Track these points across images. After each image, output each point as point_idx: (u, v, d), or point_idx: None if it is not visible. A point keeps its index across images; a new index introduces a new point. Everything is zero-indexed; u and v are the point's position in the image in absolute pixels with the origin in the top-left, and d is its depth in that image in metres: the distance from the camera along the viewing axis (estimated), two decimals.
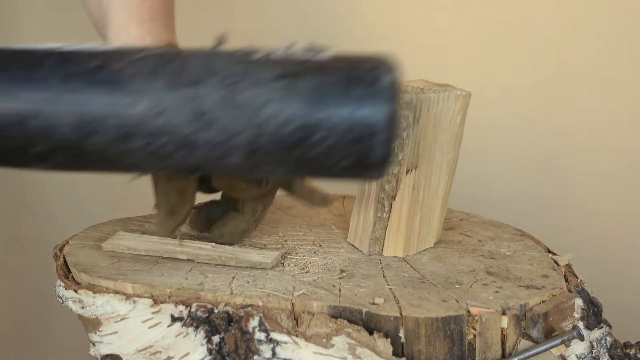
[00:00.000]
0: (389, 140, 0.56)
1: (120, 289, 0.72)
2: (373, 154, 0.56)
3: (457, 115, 0.80)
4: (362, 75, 0.56)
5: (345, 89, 0.56)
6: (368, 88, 0.55)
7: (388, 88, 0.55)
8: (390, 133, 0.56)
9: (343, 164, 0.57)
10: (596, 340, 0.76)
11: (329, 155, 0.56)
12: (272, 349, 0.67)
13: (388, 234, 0.81)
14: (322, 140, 0.55)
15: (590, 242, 1.29)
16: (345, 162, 0.56)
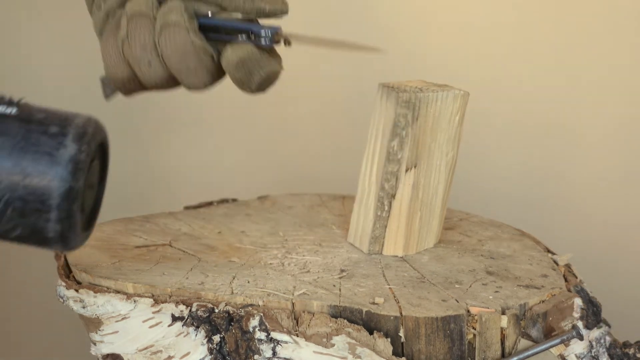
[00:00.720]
0: (65, 218, 0.51)
1: (121, 288, 0.72)
2: (46, 231, 0.52)
3: (455, 115, 0.80)
4: (42, 141, 0.50)
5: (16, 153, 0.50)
6: (44, 156, 0.50)
7: (67, 161, 0.50)
8: (66, 211, 0.51)
9: (15, 234, 0.52)
10: (595, 340, 0.76)
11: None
12: (273, 348, 0.67)
13: (388, 233, 0.81)
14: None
15: (590, 242, 1.29)
16: (15, 233, 0.52)
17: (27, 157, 0.50)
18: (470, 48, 1.29)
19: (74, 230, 0.53)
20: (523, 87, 1.29)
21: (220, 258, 0.80)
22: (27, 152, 0.50)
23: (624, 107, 1.27)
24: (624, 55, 1.26)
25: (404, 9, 1.29)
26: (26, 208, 0.51)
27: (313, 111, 1.34)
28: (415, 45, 1.28)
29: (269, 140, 1.36)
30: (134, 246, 0.81)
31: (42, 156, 0.50)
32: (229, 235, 0.86)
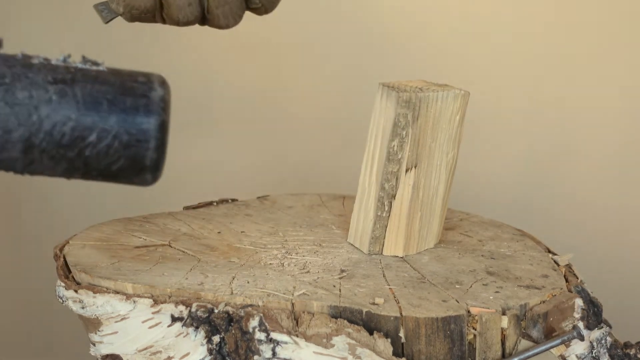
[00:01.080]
0: (159, 147, 0.63)
1: (121, 289, 0.72)
2: (145, 159, 0.63)
3: (456, 115, 0.80)
4: (136, 87, 0.63)
5: (119, 97, 0.62)
6: (141, 98, 0.62)
7: (159, 100, 0.63)
8: (161, 141, 0.63)
9: (117, 166, 0.62)
10: (596, 340, 0.76)
11: (103, 157, 0.62)
12: (272, 349, 0.67)
13: (388, 233, 0.81)
14: (95, 142, 0.61)
15: (591, 242, 1.29)
16: (118, 164, 0.62)
17: (128, 99, 0.62)
18: (470, 48, 1.29)
19: (164, 159, 0.64)
20: (523, 86, 1.29)
21: (220, 258, 0.80)
22: (127, 95, 0.62)
23: (624, 108, 1.27)
24: (623, 56, 1.26)
25: (404, 9, 1.29)
26: (130, 140, 0.62)
27: (313, 111, 1.33)
28: (415, 45, 1.28)
29: (269, 140, 1.36)
30: (134, 246, 0.81)
31: (139, 98, 0.62)
32: (228, 235, 0.86)
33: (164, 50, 1.32)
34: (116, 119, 0.62)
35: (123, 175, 0.64)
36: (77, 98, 0.61)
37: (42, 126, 0.60)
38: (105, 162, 0.63)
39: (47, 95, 0.61)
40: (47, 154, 0.61)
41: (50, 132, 0.61)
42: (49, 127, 0.61)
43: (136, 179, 0.65)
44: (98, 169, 0.63)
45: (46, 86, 0.61)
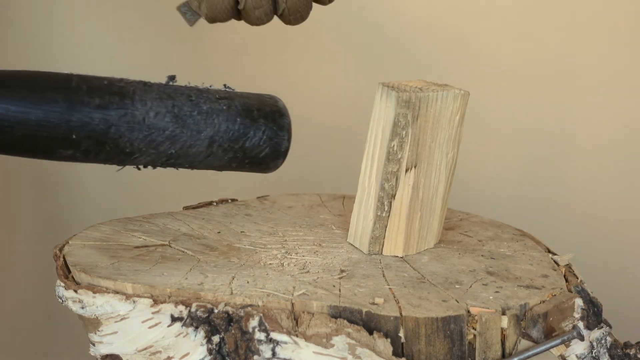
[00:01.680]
0: (290, 139, 0.86)
1: (120, 289, 0.72)
2: (282, 147, 0.86)
3: (455, 115, 0.80)
4: (268, 100, 0.87)
5: (262, 106, 0.85)
6: (274, 107, 0.86)
7: (284, 107, 0.87)
8: (290, 134, 0.86)
9: (264, 153, 0.85)
10: (596, 340, 0.76)
11: (256, 147, 0.84)
12: (272, 349, 0.67)
13: (388, 233, 0.81)
14: (252, 137, 0.84)
15: (590, 242, 1.29)
16: (265, 152, 0.85)
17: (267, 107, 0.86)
18: (471, 48, 1.28)
19: (289, 147, 0.87)
20: (523, 86, 1.29)
21: (219, 258, 0.80)
22: (266, 105, 0.86)
23: (624, 108, 1.27)
24: (623, 58, 1.26)
25: (404, 9, 1.29)
26: (272, 134, 0.85)
27: (313, 111, 1.33)
28: (415, 45, 1.28)
29: None
30: (133, 246, 0.81)
31: (273, 106, 0.86)
32: (228, 235, 0.86)
33: (164, 50, 1.32)
34: (264, 120, 0.84)
35: (265, 161, 0.86)
36: (237, 108, 0.83)
37: (220, 127, 0.82)
38: (257, 150, 0.84)
39: (220, 106, 0.82)
40: (221, 147, 0.82)
41: (225, 131, 0.82)
42: (225, 127, 0.82)
43: (273, 163, 0.86)
44: (251, 157, 0.85)
45: (218, 101, 0.83)
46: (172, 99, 0.80)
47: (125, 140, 0.78)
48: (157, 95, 0.80)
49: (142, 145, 0.79)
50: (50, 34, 1.29)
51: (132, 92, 0.78)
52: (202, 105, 0.81)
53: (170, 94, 0.81)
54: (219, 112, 0.82)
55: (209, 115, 0.81)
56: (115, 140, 0.77)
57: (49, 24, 1.29)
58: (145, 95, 0.79)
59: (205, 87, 0.85)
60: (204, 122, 0.81)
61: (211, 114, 0.81)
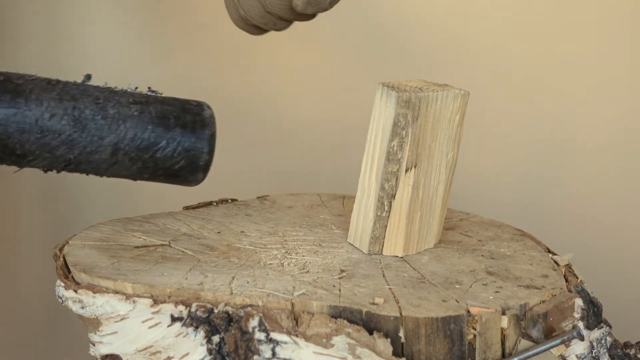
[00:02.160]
0: (210, 152, 0.82)
1: (120, 289, 0.72)
2: (200, 160, 0.82)
3: (455, 114, 0.80)
4: (191, 108, 0.83)
5: (182, 114, 0.81)
6: (197, 116, 0.82)
7: (209, 117, 0.83)
8: (211, 147, 0.82)
9: (179, 165, 0.81)
10: (596, 340, 0.76)
11: (169, 159, 0.81)
12: (272, 349, 0.67)
13: (388, 233, 0.81)
14: (164, 147, 0.80)
15: (590, 242, 1.29)
16: (180, 164, 0.81)
17: (188, 116, 0.81)
18: (471, 48, 1.28)
19: (211, 162, 0.82)
20: (523, 86, 1.29)
21: (219, 258, 0.80)
22: (187, 113, 0.81)
23: (624, 108, 1.27)
24: (623, 59, 1.26)
25: (404, 9, 1.29)
26: (190, 145, 0.80)
27: (313, 111, 1.33)
28: (415, 45, 1.28)
29: (269, 140, 1.36)
30: (133, 246, 0.81)
31: (195, 115, 0.82)
32: (228, 235, 0.86)
33: (164, 50, 1.32)
34: (180, 130, 0.80)
35: (181, 174, 0.82)
36: (151, 114, 0.80)
37: (127, 134, 0.78)
38: (170, 162, 0.81)
39: (131, 112, 0.79)
40: (128, 155, 0.79)
41: (132, 138, 0.79)
42: (132, 135, 0.78)
43: (191, 177, 0.82)
44: (164, 168, 0.81)
45: (129, 105, 0.79)
46: (74, 101, 0.77)
47: (14, 142, 0.75)
48: (58, 95, 0.77)
49: (34, 148, 0.76)
50: (52, 32, 1.29)
51: (29, 90, 0.75)
52: (108, 109, 0.78)
53: (75, 95, 0.77)
54: (127, 118, 0.78)
55: (114, 120, 0.78)
56: (4, 141, 0.75)
57: (51, 21, 1.29)
58: (43, 95, 0.76)
59: (122, 90, 0.81)
60: (107, 128, 0.77)
61: (117, 120, 0.78)
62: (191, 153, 0.81)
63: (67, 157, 0.77)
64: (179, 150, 0.80)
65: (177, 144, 0.80)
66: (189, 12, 1.32)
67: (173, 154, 0.80)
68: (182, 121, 0.81)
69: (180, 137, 0.80)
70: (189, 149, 0.80)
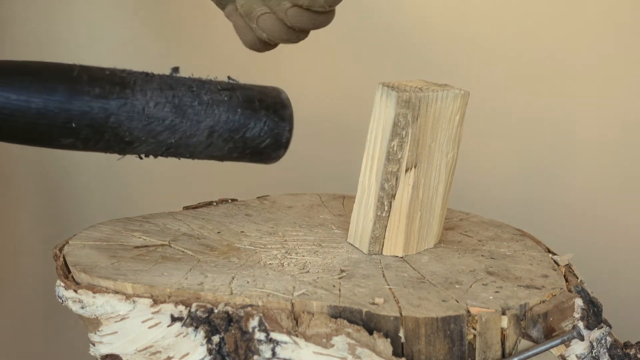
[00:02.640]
0: (291, 130, 0.87)
1: (120, 289, 0.72)
2: (283, 138, 0.87)
3: (455, 115, 0.80)
4: (270, 91, 0.88)
5: (264, 97, 0.86)
6: (276, 98, 0.87)
7: (286, 98, 0.88)
8: (292, 125, 0.87)
9: (265, 144, 0.86)
10: (596, 340, 0.76)
11: (256, 137, 0.86)
12: (272, 349, 0.67)
13: (388, 233, 0.81)
14: (252, 127, 0.85)
15: (590, 242, 1.29)
16: (266, 142, 0.86)
17: (269, 98, 0.87)
18: (471, 48, 1.28)
19: (291, 138, 0.88)
20: (523, 86, 1.29)
21: (219, 258, 0.80)
22: (268, 96, 0.87)
23: (624, 107, 1.27)
24: (623, 57, 1.26)
25: (404, 9, 1.29)
26: (274, 124, 0.86)
27: (313, 111, 1.33)
28: (415, 45, 1.28)
29: None
30: (133, 246, 0.81)
31: (275, 97, 0.87)
32: (228, 235, 0.86)
33: (164, 50, 1.32)
34: (265, 111, 0.86)
35: (266, 151, 0.87)
36: (239, 99, 0.85)
37: (221, 117, 0.83)
38: (257, 141, 0.86)
39: (222, 97, 0.84)
40: (221, 137, 0.84)
41: (226, 121, 0.84)
42: (225, 117, 0.83)
43: (274, 153, 0.88)
44: (252, 147, 0.86)
45: (219, 92, 0.84)
46: (172, 90, 0.82)
47: (124, 129, 0.79)
48: (158, 85, 0.81)
49: (141, 135, 0.80)
50: (54, 30, 1.29)
51: (132, 82, 0.80)
52: (202, 96, 0.83)
53: (172, 85, 0.82)
54: (219, 103, 0.83)
55: (209, 105, 0.83)
56: (115, 129, 0.79)
57: (54, 18, 1.29)
58: (146, 86, 0.81)
59: (208, 79, 0.86)
60: (204, 113, 0.82)
61: (211, 105, 0.83)
62: (275, 132, 0.86)
63: (168, 142, 0.82)
64: (265, 129, 0.85)
65: (263, 124, 0.85)
66: (188, 12, 1.32)
67: (260, 133, 0.85)
68: (265, 103, 0.86)
69: (265, 118, 0.85)
70: (274, 127, 0.86)
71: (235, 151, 0.86)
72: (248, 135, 0.85)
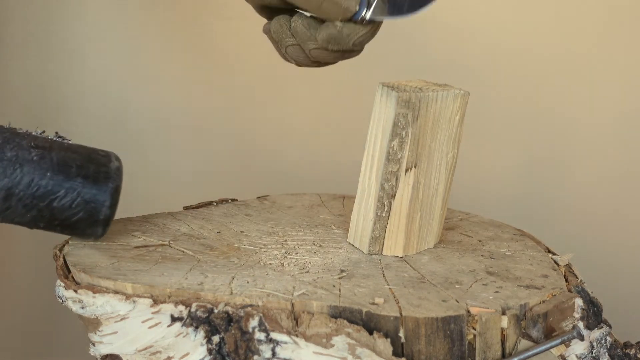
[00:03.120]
0: (112, 206, 0.78)
1: (120, 289, 0.72)
2: (100, 214, 0.77)
3: (455, 115, 0.80)
4: (98, 158, 0.79)
5: (86, 164, 0.77)
6: (102, 167, 0.78)
7: (115, 169, 0.79)
8: (114, 201, 0.78)
9: (76, 217, 0.77)
10: (596, 340, 0.76)
11: (67, 209, 0.76)
12: (272, 349, 0.67)
13: (388, 233, 0.81)
14: (62, 196, 0.76)
15: (590, 242, 1.29)
16: (78, 216, 0.77)
17: (92, 166, 0.77)
18: (471, 48, 1.28)
19: (113, 216, 0.78)
20: (523, 86, 1.29)
21: (219, 258, 0.80)
22: (92, 163, 0.78)
23: (624, 107, 1.27)
24: (623, 56, 1.26)
25: None
26: (91, 197, 0.77)
27: (313, 111, 1.33)
28: (415, 45, 1.28)
29: (268, 141, 1.36)
30: (133, 246, 0.81)
31: (101, 166, 0.78)
32: (228, 235, 0.86)
33: (163, 51, 1.32)
34: (81, 180, 0.77)
35: (79, 226, 0.78)
36: (53, 161, 0.76)
37: (22, 180, 0.75)
38: (67, 213, 0.77)
39: (30, 156, 0.75)
40: (22, 202, 0.75)
41: (28, 184, 0.75)
42: (28, 181, 0.75)
43: (88, 230, 0.78)
44: (60, 219, 0.77)
45: (30, 149, 0.75)
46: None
47: None
48: None
49: None
50: (55, 30, 1.29)
51: None
52: (6, 151, 0.75)
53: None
54: (24, 162, 0.75)
55: (11, 163, 0.74)
56: None
57: (54, 18, 1.29)
58: None
59: (25, 132, 0.78)
60: (2, 171, 0.74)
61: (15, 163, 0.74)
62: (91, 205, 0.77)
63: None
64: (78, 201, 0.76)
65: (76, 195, 0.76)
66: (187, 13, 1.32)
67: (71, 205, 0.76)
68: (84, 171, 0.77)
69: (80, 188, 0.76)
70: (89, 200, 0.77)
71: (40, 220, 0.77)
72: (56, 205, 0.76)
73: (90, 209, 0.77)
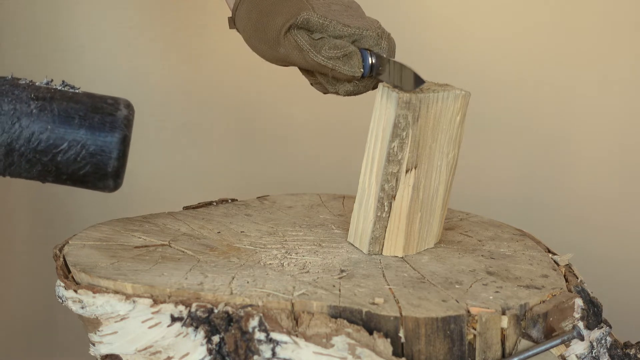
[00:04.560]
0: (120, 157, 0.73)
1: (120, 289, 0.72)
2: (108, 166, 0.73)
3: (456, 115, 0.80)
4: (105, 107, 0.73)
5: (90, 114, 0.72)
6: (107, 116, 0.73)
7: (123, 118, 0.73)
8: (122, 152, 0.73)
9: (83, 171, 0.73)
10: (596, 340, 0.76)
11: (72, 163, 0.72)
12: (272, 349, 0.67)
13: (388, 234, 0.81)
14: (66, 150, 0.72)
15: (591, 242, 1.29)
16: (85, 170, 0.73)
17: (96, 116, 0.72)
18: (471, 48, 1.28)
19: (124, 168, 0.74)
20: (524, 87, 1.29)
21: (219, 258, 0.80)
22: (97, 113, 0.72)
23: (624, 107, 1.27)
24: (624, 56, 1.26)
25: (404, 9, 1.28)
26: (96, 149, 0.72)
27: (313, 112, 1.33)
28: (415, 45, 1.28)
29: (268, 141, 1.36)
30: (133, 246, 0.81)
31: (106, 116, 0.73)
32: (228, 235, 0.86)
33: (163, 52, 1.32)
34: (85, 132, 0.72)
35: (88, 180, 0.74)
36: (54, 112, 0.72)
37: (22, 134, 0.71)
38: (73, 167, 0.73)
39: (29, 109, 0.71)
40: (24, 157, 0.72)
41: (29, 139, 0.71)
42: (28, 135, 0.71)
43: (100, 183, 0.74)
44: (67, 173, 0.73)
45: (29, 102, 0.71)
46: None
47: None
48: None
49: None
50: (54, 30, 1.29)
51: None
52: (3, 105, 0.71)
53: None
54: (22, 115, 0.71)
55: (8, 117, 0.71)
56: None
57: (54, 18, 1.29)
58: None
59: (27, 83, 0.74)
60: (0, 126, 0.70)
61: (12, 117, 0.71)
62: (97, 158, 0.72)
63: None
64: (83, 154, 0.72)
65: (80, 147, 0.72)
66: (187, 14, 1.32)
67: (76, 158, 0.72)
68: (88, 122, 0.72)
69: (84, 140, 0.72)
70: (95, 153, 0.72)
71: (48, 175, 0.73)
72: (60, 159, 0.72)
73: (97, 162, 0.72)
